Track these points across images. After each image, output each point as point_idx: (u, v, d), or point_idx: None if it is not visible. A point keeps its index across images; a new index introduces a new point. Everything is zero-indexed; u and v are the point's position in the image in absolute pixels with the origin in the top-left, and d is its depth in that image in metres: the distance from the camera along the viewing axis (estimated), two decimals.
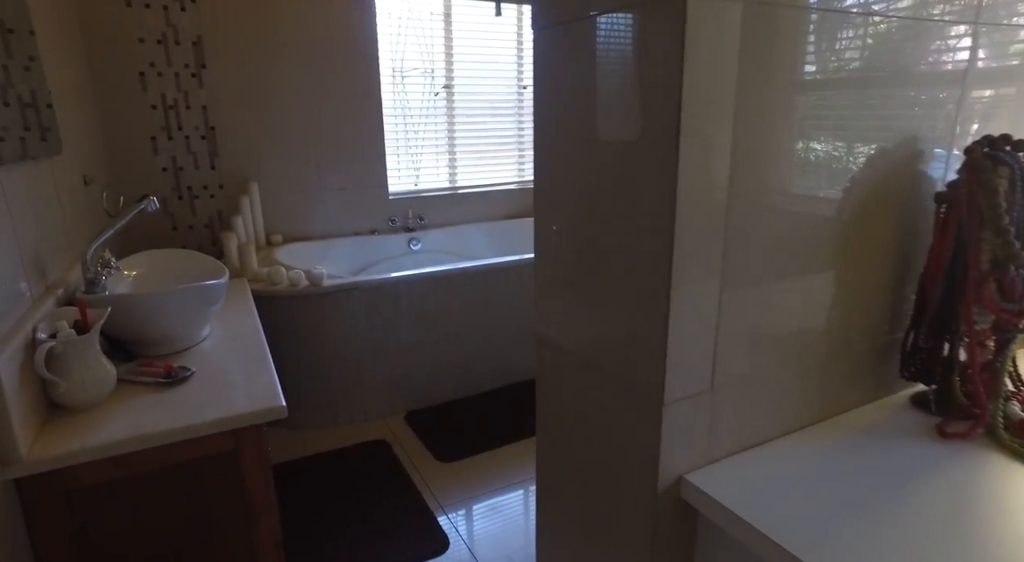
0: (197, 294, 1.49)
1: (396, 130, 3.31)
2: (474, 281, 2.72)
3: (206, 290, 1.51)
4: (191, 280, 1.65)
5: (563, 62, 0.85)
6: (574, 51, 0.82)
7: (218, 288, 1.54)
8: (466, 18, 3.34)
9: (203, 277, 1.61)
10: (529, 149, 3.67)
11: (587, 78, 0.80)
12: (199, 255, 1.78)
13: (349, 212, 3.21)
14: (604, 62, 0.78)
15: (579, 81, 0.82)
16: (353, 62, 3.04)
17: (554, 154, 0.92)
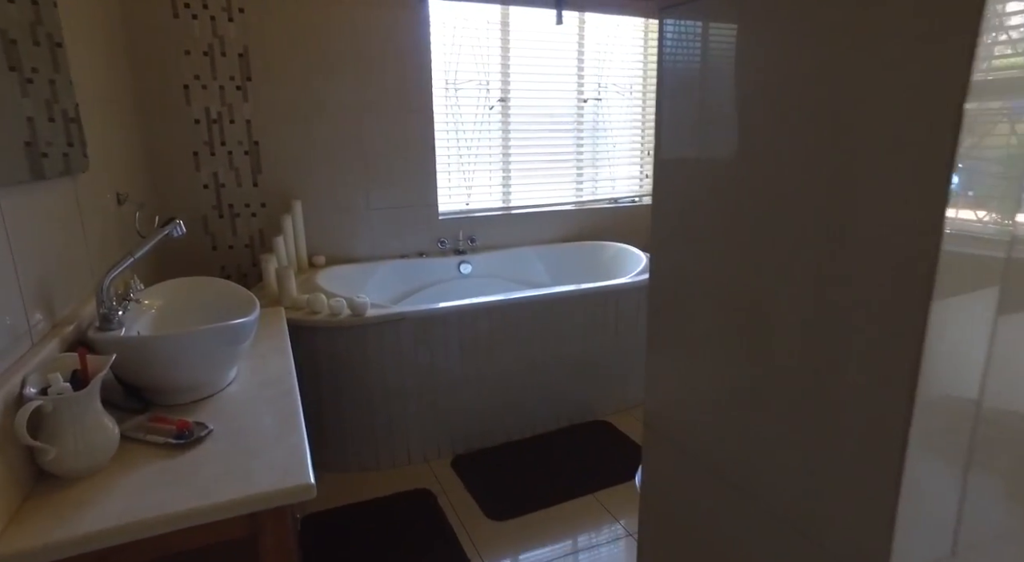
0: (223, 335, 1.28)
1: (448, 146, 3.11)
2: (531, 312, 2.46)
3: (233, 331, 1.29)
4: (219, 314, 1.45)
5: (723, 48, 0.60)
6: (754, 28, 0.57)
7: (246, 328, 1.33)
8: (524, 26, 3.13)
9: (232, 311, 1.41)
10: (588, 167, 3.42)
11: (775, 66, 0.54)
12: (229, 284, 1.58)
13: (396, 233, 3.01)
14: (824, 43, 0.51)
15: (754, 71, 0.56)
16: (404, 74, 2.85)
17: (693, 170, 0.66)
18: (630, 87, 3.46)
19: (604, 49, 3.34)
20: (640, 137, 3.56)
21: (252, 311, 1.39)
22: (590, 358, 2.63)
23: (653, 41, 3.41)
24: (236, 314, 1.36)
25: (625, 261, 3.10)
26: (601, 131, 3.45)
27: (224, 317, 1.37)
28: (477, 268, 3.12)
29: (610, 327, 2.64)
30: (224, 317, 1.37)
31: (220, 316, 1.44)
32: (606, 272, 3.15)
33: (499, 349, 2.43)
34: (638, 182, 3.62)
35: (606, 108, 3.43)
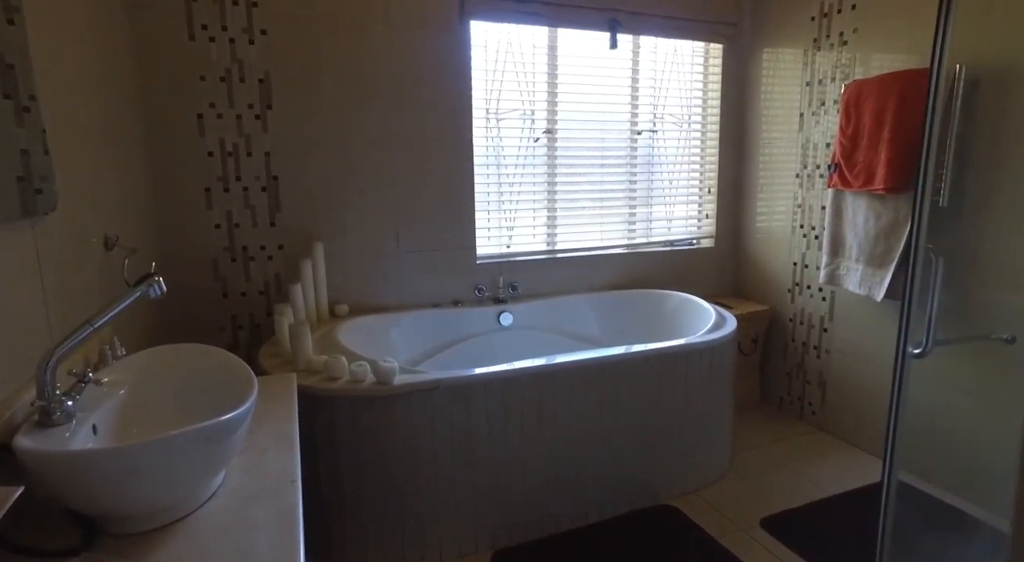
0: (202, 439, 0.93)
1: (488, 182, 2.79)
2: (585, 376, 2.08)
3: (218, 431, 0.94)
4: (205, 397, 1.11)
5: None
6: None
7: (236, 423, 0.98)
8: (574, 51, 2.83)
9: (223, 393, 1.07)
10: (642, 206, 3.06)
11: None
12: (223, 356, 1.23)
13: (429, 279, 2.68)
14: None
15: None
16: (442, 103, 2.56)
17: None
18: (688, 118, 3.12)
19: (661, 76, 3.02)
20: (699, 173, 3.20)
21: (247, 396, 1.04)
22: (653, 430, 2.22)
23: (715, 67, 3.08)
24: (227, 399, 1.02)
25: (690, 314, 2.70)
26: (656, 166, 3.10)
27: (211, 403, 1.03)
28: (519, 319, 2.76)
29: (678, 394, 2.24)
30: (211, 403, 1.03)
31: (206, 401, 1.10)
32: (668, 326, 2.76)
33: (547, 421, 2.04)
34: (697, 222, 3.25)
35: (662, 141, 3.09)
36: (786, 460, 2.57)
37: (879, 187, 2.26)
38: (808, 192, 2.77)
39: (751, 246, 3.16)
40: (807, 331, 2.86)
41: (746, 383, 3.02)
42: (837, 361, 2.72)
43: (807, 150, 2.76)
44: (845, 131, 2.41)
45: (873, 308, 2.50)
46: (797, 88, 2.77)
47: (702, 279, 3.21)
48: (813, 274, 2.79)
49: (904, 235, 2.24)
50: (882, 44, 2.39)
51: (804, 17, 2.70)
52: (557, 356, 2.10)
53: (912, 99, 2.17)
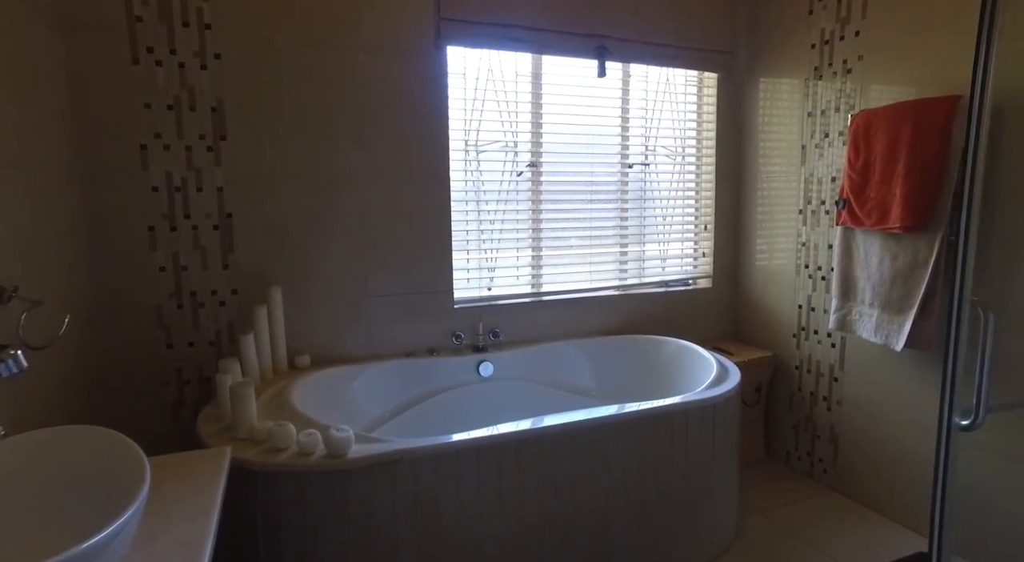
0: None
1: (467, 220, 2.57)
2: (573, 440, 1.82)
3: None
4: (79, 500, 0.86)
5: None
6: None
7: (102, 547, 0.72)
8: (560, 79, 2.65)
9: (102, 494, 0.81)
10: (634, 245, 2.85)
11: None
12: (112, 439, 0.97)
13: (402, 325, 2.43)
14: None
15: None
16: (416, 134, 2.35)
17: None
18: (682, 150, 2.94)
19: (652, 106, 2.84)
20: (695, 208, 3.00)
21: (131, 501, 0.78)
22: (651, 499, 1.95)
23: (709, 97, 2.91)
24: (107, 502, 0.76)
25: (688, 363, 2.46)
26: (649, 201, 2.90)
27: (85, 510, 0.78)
28: (501, 369, 2.51)
29: (678, 456, 1.98)
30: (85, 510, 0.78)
31: (78, 508, 0.84)
32: (665, 377, 2.51)
33: (530, 494, 1.78)
34: (692, 261, 3.03)
35: (654, 175, 2.90)
36: (798, 527, 2.30)
37: (895, 226, 2.06)
38: (813, 229, 2.57)
39: (751, 287, 2.94)
40: (815, 380, 2.62)
41: (749, 436, 2.77)
42: (851, 415, 2.47)
43: (810, 184, 2.56)
44: (854, 164, 2.21)
45: (891, 358, 2.27)
46: (798, 119, 2.60)
47: (699, 322, 2.98)
48: (821, 318, 2.57)
49: (925, 278, 2.02)
50: (890, 72, 2.22)
51: (803, 45, 2.54)
52: (543, 418, 1.84)
53: (928, 130, 1.98)
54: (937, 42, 2.06)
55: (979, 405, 1.34)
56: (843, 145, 2.39)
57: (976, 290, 1.99)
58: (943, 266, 2.00)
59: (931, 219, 1.99)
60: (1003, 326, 1.50)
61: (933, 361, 2.13)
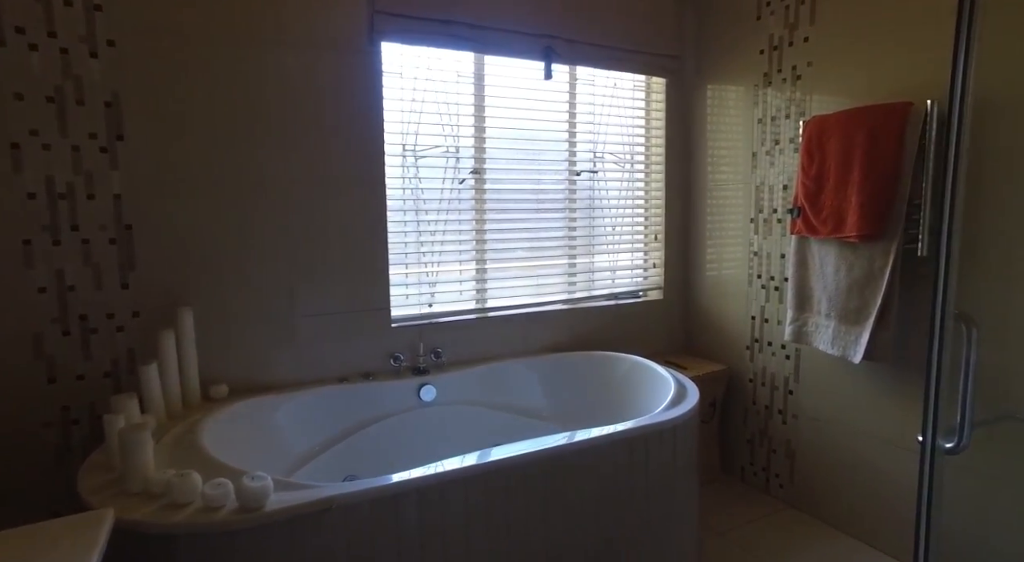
0: None
1: (405, 230, 2.36)
2: (526, 474, 1.64)
3: None
4: None
5: None
6: None
7: None
8: (504, 82, 2.49)
9: None
10: (583, 256, 2.71)
11: None
12: None
13: (333, 347, 2.19)
14: None
15: None
16: (347, 137, 2.14)
17: None
18: (631, 157, 2.83)
19: (600, 111, 2.73)
20: (644, 218, 2.90)
21: None
22: (609, 532, 1.79)
23: (657, 103, 2.83)
24: None
25: (643, 381, 2.33)
26: (598, 210, 2.78)
27: None
28: (444, 392, 2.30)
29: (637, 484, 1.83)
30: None
31: None
32: (620, 397, 2.38)
33: (479, 536, 1.58)
34: (643, 273, 2.92)
35: (603, 183, 2.78)
36: (760, 548, 2.20)
37: (851, 234, 2.00)
38: (765, 239, 2.50)
39: (703, 298, 2.86)
40: (770, 393, 2.55)
41: (705, 453, 2.67)
42: (808, 428, 2.40)
43: (762, 192, 2.50)
44: (808, 172, 2.15)
45: (846, 369, 2.21)
46: (748, 126, 2.53)
47: (650, 336, 2.87)
48: (775, 329, 2.50)
49: (882, 288, 1.97)
50: (839, 78, 2.18)
51: (752, 51, 2.49)
52: (490, 451, 1.65)
53: (883, 136, 1.93)
54: (886, 49, 2.02)
55: (963, 426, 1.25)
56: (794, 152, 2.33)
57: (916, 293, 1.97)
58: (899, 276, 1.95)
59: (887, 227, 1.94)
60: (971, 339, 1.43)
61: (891, 373, 2.08)
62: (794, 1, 2.30)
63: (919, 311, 1.98)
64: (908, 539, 2.07)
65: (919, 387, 2.01)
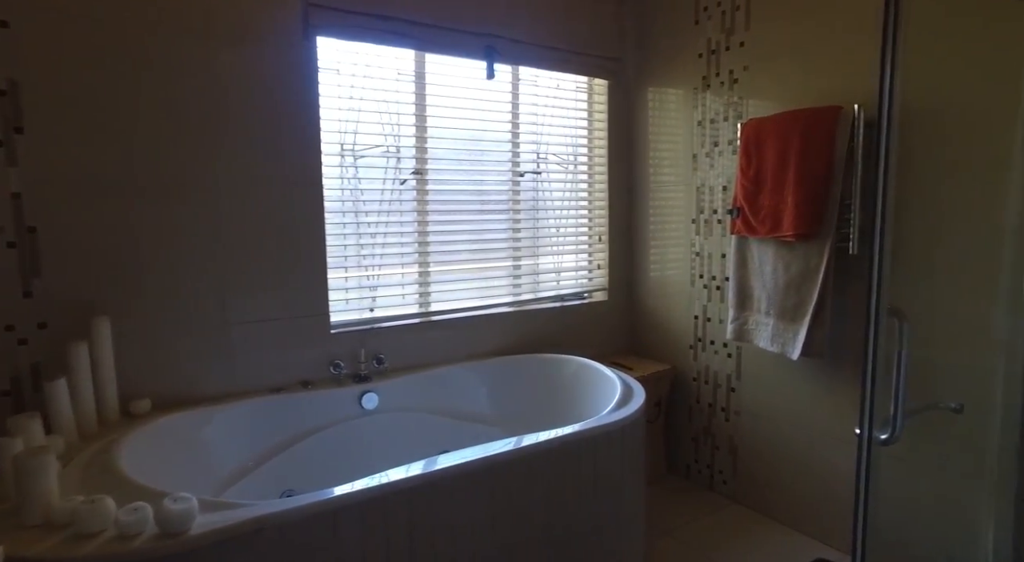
0: None
1: (344, 233, 2.27)
2: (471, 482, 1.59)
3: None
4: None
5: None
6: None
7: None
8: (446, 81, 2.43)
9: None
10: (528, 258, 2.69)
11: None
12: None
13: (269, 356, 2.08)
14: None
15: None
16: (281, 135, 2.03)
17: None
18: (574, 159, 2.83)
19: (543, 112, 2.71)
20: (588, 219, 2.90)
21: None
22: (558, 537, 1.76)
23: (600, 105, 2.83)
24: None
25: (590, 383, 2.32)
26: (542, 211, 2.76)
27: None
28: (387, 399, 2.22)
29: (585, 490, 1.81)
30: None
31: None
32: (567, 399, 2.36)
33: (424, 550, 1.52)
34: (588, 274, 2.92)
35: (547, 184, 2.76)
36: (706, 546, 2.22)
37: (788, 234, 2.05)
38: (706, 239, 2.54)
39: (647, 299, 2.88)
40: (713, 391, 2.59)
41: (650, 453, 2.68)
42: (749, 424, 2.45)
43: (702, 194, 2.54)
44: (747, 173, 2.20)
45: (786, 366, 2.27)
46: (688, 128, 2.57)
47: (596, 337, 2.87)
48: (717, 328, 2.54)
49: (817, 286, 2.02)
50: (774, 82, 2.23)
51: (691, 54, 2.52)
52: (436, 460, 1.59)
53: (815, 139, 1.99)
54: (816, 55, 2.09)
55: (896, 418, 1.28)
56: (733, 154, 2.38)
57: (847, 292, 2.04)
58: (832, 274, 2.01)
59: (821, 227, 2.00)
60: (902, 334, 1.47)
61: (827, 369, 2.14)
62: (730, 7, 2.35)
63: (851, 308, 2.05)
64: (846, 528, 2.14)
65: (853, 381, 2.08)
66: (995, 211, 1.71)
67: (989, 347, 1.71)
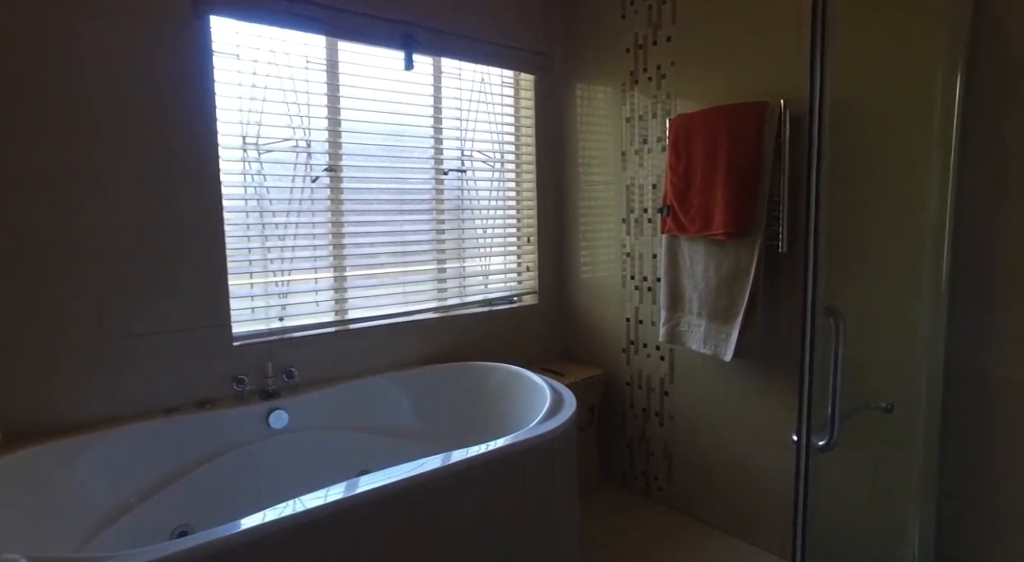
0: None
1: (248, 235, 2.06)
2: (389, 509, 1.43)
3: None
4: None
5: None
6: None
7: None
8: (361, 71, 2.26)
9: None
10: (453, 260, 2.55)
11: None
12: None
13: (159, 374, 1.84)
14: None
15: None
16: (169, 125, 1.81)
17: None
18: (501, 156, 2.71)
19: (468, 107, 2.58)
20: (516, 219, 2.78)
21: None
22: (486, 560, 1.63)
23: (527, 101, 2.73)
24: None
25: (519, 392, 2.20)
26: (468, 211, 2.62)
27: None
28: (298, 417, 2.02)
29: (513, 507, 1.68)
30: None
31: None
32: (496, 409, 2.23)
33: None
34: (517, 277, 2.81)
35: (472, 183, 2.63)
36: (642, 557, 2.14)
37: (719, 232, 2.00)
38: (637, 239, 2.47)
39: (578, 301, 2.79)
40: (647, 396, 2.52)
41: (584, 462, 2.59)
42: (683, 428, 2.39)
43: (632, 192, 2.47)
44: (676, 170, 2.14)
45: (718, 368, 2.22)
46: (617, 125, 2.50)
47: (526, 342, 2.76)
48: (649, 331, 2.47)
49: (748, 286, 1.98)
50: (701, 77, 2.19)
51: (619, 49, 2.46)
52: (357, 481, 1.42)
53: (743, 135, 1.95)
54: (741, 50, 2.05)
55: (833, 422, 1.22)
56: (662, 151, 2.32)
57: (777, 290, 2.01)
58: (763, 272, 1.98)
59: (751, 225, 1.95)
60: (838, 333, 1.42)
61: (760, 369, 2.10)
62: (656, 1, 2.30)
63: (782, 307, 2.02)
64: (782, 531, 2.11)
65: (786, 382, 2.05)
66: (917, 209, 1.71)
67: (915, 345, 1.71)
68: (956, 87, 1.62)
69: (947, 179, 1.65)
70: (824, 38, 1.17)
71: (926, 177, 1.69)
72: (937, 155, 1.66)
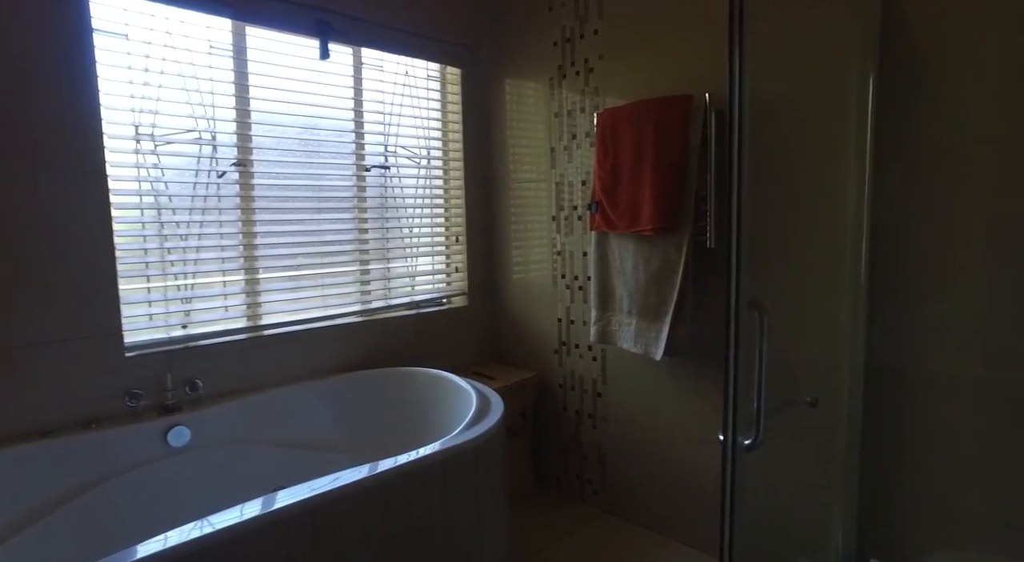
0: None
1: (144, 234, 1.88)
2: (294, 530, 1.30)
3: None
4: None
5: None
6: None
7: None
8: (272, 59, 2.11)
9: None
10: (378, 262, 2.42)
11: None
12: None
13: (35, 392, 1.64)
14: None
15: None
16: (42, 112, 1.62)
17: None
18: (428, 152, 2.60)
19: (391, 100, 2.46)
20: (444, 218, 2.68)
21: None
22: None
23: (454, 95, 2.63)
24: None
25: (443, 397, 2.10)
26: (392, 210, 2.50)
27: None
28: (202, 433, 1.85)
29: (436, 520, 1.58)
30: None
31: None
32: (420, 416, 2.12)
33: None
34: (445, 278, 2.70)
35: (397, 180, 2.51)
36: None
37: (647, 228, 1.96)
38: (567, 237, 2.42)
39: (510, 302, 2.71)
40: (579, 397, 2.47)
41: (517, 468, 2.51)
42: (616, 430, 2.35)
43: (562, 189, 2.41)
44: (604, 165, 2.09)
45: (650, 367, 2.19)
46: (546, 120, 2.44)
47: (456, 346, 2.66)
48: (581, 331, 2.42)
49: (677, 282, 1.95)
50: (628, 71, 2.15)
51: (546, 43, 2.40)
52: (258, 501, 1.28)
53: (670, 130, 1.92)
54: (667, 43, 2.03)
55: (759, 421, 1.18)
56: (591, 147, 2.27)
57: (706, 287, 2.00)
58: (692, 269, 1.95)
59: (679, 220, 1.92)
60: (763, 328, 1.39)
61: (691, 367, 2.08)
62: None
63: (712, 304, 2.00)
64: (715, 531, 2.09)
65: (716, 379, 2.03)
66: (838, 205, 1.71)
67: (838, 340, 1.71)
68: (869, 86, 1.63)
69: (863, 176, 1.67)
70: (742, 32, 1.13)
71: (845, 174, 1.70)
72: (854, 153, 1.67)
